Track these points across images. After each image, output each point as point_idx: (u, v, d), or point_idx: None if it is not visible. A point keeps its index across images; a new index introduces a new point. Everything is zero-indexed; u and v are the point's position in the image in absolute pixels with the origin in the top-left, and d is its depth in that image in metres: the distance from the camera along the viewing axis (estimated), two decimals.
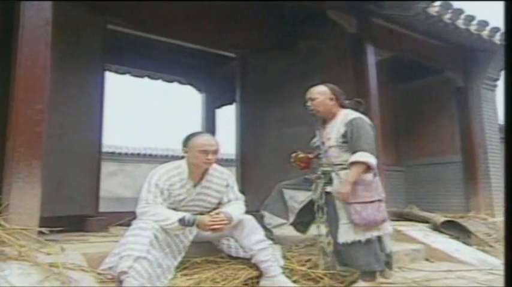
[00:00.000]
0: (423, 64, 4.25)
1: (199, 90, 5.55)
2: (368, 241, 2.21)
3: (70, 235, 2.78)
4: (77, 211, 3.14)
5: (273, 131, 4.15)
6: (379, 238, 2.28)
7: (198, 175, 2.21)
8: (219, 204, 2.28)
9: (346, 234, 2.21)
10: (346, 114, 2.35)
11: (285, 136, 4.02)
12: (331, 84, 2.46)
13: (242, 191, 2.39)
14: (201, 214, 2.26)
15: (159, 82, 5.28)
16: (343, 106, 2.43)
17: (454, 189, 4.56)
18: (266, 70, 4.26)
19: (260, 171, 4.10)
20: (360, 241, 2.20)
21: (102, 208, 3.39)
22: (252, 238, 2.17)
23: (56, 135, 3.03)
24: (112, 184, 8.64)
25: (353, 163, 2.20)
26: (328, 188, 2.35)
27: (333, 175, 2.33)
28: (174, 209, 2.14)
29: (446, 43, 4.08)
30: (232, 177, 2.35)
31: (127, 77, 5.06)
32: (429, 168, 4.69)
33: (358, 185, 2.22)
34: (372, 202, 2.22)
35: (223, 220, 2.04)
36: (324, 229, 2.38)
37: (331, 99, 2.38)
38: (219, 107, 5.66)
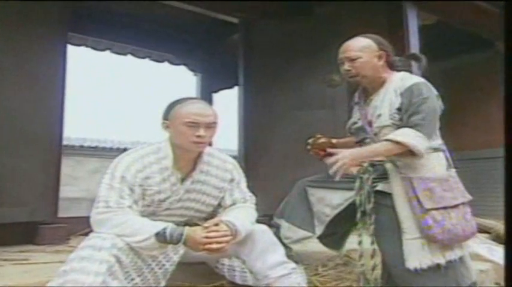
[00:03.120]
0: (470, 35, 3.49)
1: (193, 71, 4.82)
2: (448, 265, 1.47)
3: (8, 250, 2.03)
4: (25, 217, 2.35)
5: (284, 116, 3.41)
6: (460, 259, 1.53)
7: (187, 163, 1.48)
8: (219, 207, 1.58)
9: (417, 255, 1.46)
10: (402, 79, 1.60)
11: (299, 122, 3.29)
12: (375, 35, 1.68)
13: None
14: (192, 224, 1.54)
15: (146, 61, 4.52)
16: (392, 67, 1.67)
17: (497, 190, 3.82)
18: (275, 42, 3.51)
19: (269, 166, 3.37)
20: (438, 266, 1.45)
21: (80, 211, 2.66)
22: (269, 258, 1.47)
23: (3, 117, 2.33)
24: (94, 182, 7.81)
25: (388, 141, 1.49)
26: (380, 186, 1.60)
27: (389, 166, 1.59)
28: (152, 214, 1.44)
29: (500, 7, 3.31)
30: (238, 168, 1.63)
31: (107, 54, 4.28)
32: (472, 163, 3.94)
33: (430, 182, 1.49)
34: (456, 206, 1.49)
35: (225, 236, 1.32)
36: (368, 245, 1.63)
37: (380, 56, 1.62)
38: (217, 91, 4.93)
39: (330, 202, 1.74)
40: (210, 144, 1.53)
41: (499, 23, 3.53)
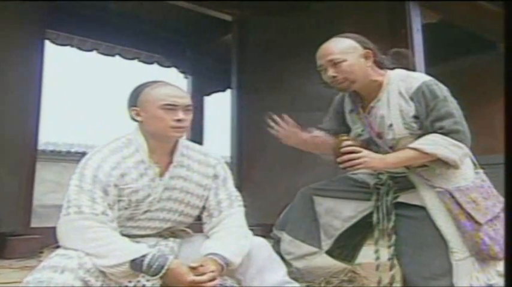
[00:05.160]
0: (473, 36, 3.37)
1: (184, 73, 4.64)
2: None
3: None
4: None
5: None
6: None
7: (164, 156, 1.28)
8: (204, 210, 1.35)
9: (467, 276, 1.28)
10: (404, 79, 1.39)
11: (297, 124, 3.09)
12: (353, 34, 1.45)
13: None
14: (177, 232, 1.35)
15: (135, 63, 4.31)
16: (381, 66, 1.45)
17: None
18: (270, 41, 3.34)
19: (264, 172, 3.18)
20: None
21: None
22: (268, 278, 1.26)
23: None
24: None
25: (415, 150, 1.32)
26: (402, 198, 1.42)
27: (414, 178, 1.40)
28: (130, 219, 1.24)
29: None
30: (222, 164, 1.40)
31: (94, 54, 4.07)
32: None
33: (471, 192, 1.32)
34: (498, 215, 1.33)
35: (213, 279, 1.12)
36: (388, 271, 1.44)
37: (366, 56, 1.39)
38: (209, 94, 4.75)
39: (340, 214, 1.54)
40: (201, 143, 1.33)
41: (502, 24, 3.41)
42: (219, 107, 4.96)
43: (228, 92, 4.02)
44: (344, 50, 1.38)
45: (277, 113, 3.20)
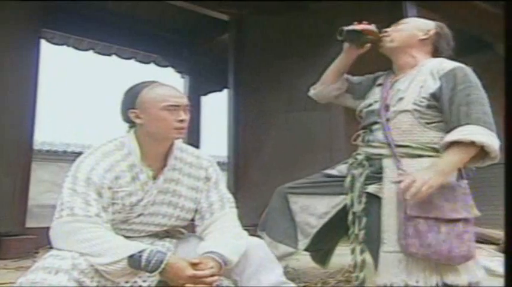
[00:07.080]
0: (469, 37, 3.38)
1: (181, 73, 4.63)
2: None
3: None
4: None
5: (277, 119, 3.22)
6: None
7: (157, 159, 1.26)
8: (196, 213, 1.33)
9: (388, 270, 1.24)
10: (441, 63, 1.37)
11: (293, 124, 3.11)
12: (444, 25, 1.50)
13: (235, 199, 1.40)
14: (169, 235, 1.34)
15: (132, 62, 4.30)
16: (436, 54, 1.46)
17: (496, 198, 3.67)
18: (267, 41, 3.34)
19: (261, 171, 3.17)
20: None
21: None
22: (264, 278, 1.24)
23: None
24: None
25: (455, 144, 1.22)
26: (370, 188, 1.37)
27: (387, 163, 1.35)
28: (124, 222, 1.22)
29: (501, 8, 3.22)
30: (215, 166, 1.38)
31: (90, 53, 4.06)
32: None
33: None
34: (452, 220, 1.23)
35: (212, 275, 1.10)
36: (359, 255, 1.38)
37: (426, 36, 1.43)
38: (205, 94, 4.75)
39: (314, 210, 1.51)
40: (197, 147, 1.32)
41: (499, 25, 3.42)
42: (216, 106, 4.96)
43: (225, 91, 4.02)
44: (415, 21, 1.51)
45: (273, 111, 3.23)
